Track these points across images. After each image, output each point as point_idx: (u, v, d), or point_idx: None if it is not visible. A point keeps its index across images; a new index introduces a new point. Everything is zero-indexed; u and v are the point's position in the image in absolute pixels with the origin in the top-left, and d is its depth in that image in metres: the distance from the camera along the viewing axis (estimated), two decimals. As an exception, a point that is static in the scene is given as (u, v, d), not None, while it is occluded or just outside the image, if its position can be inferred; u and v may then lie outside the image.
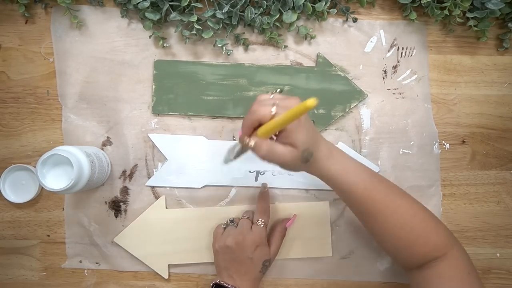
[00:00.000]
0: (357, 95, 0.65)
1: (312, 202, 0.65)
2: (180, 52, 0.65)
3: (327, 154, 0.50)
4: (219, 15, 0.60)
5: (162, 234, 0.64)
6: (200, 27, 0.61)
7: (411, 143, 0.65)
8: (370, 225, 0.53)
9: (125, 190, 0.65)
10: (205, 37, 0.62)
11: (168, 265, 0.64)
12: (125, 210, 0.64)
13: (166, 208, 0.64)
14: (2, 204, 0.65)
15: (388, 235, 0.52)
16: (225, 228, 0.61)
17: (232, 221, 0.61)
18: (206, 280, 0.65)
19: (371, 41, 0.66)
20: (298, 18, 0.63)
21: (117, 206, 0.64)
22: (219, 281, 0.57)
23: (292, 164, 0.48)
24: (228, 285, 0.56)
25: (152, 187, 0.65)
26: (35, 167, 0.59)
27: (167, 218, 0.64)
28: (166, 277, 0.63)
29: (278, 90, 0.52)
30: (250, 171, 0.65)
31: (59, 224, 0.65)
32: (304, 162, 0.48)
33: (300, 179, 0.65)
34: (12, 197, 0.63)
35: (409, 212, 0.51)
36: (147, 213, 0.64)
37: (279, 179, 0.65)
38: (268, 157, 0.47)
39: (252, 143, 0.47)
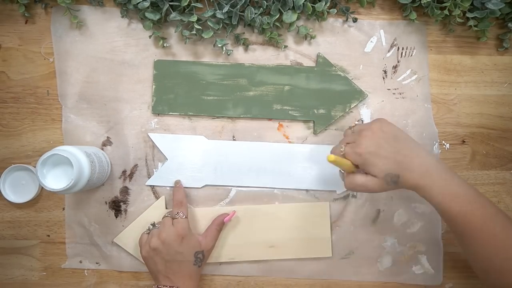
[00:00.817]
0: (357, 95, 0.65)
1: (312, 202, 0.65)
2: (180, 52, 0.65)
3: (421, 173, 0.50)
4: (219, 15, 0.60)
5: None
6: (200, 27, 0.61)
7: (411, 143, 0.65)
8: (462, 244, 0.52)
9: (125, 190, 0.65)
10: (205, 37, 0.62)
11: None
12: (125, 210, 0.64)
13: (166, 208, 0.64)
14: (2, 204, 0.65)
15: (479, 259, 0.50)
16: (148, 234, 0.59)
17: (153, 225, 0.61)
18: (206, 280, 0.65)
19: (371, 41, 0.66)
20: (298, 18, 0.63)
21: (117, 206, 0.64)
22: (156, 286, 0.56)
23: (378, 190, 0.51)
24: (166, 286, 0.56)
25: (152, 186, 0.65)
26: (35, 167, 0.59)
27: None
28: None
29: (358, 121, 0.62)
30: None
31: (59, 224, 0.65)
32: (391, 184, 0.50)
33: (300, 180, 0.65)
34: (12, 197, 0.63)
35: (508, 242, 0.48)
36: (147, 213, 0.64)
37: (279, 179, 0.65)
38: (350, 188, 0.53)
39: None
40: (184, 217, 0.58)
